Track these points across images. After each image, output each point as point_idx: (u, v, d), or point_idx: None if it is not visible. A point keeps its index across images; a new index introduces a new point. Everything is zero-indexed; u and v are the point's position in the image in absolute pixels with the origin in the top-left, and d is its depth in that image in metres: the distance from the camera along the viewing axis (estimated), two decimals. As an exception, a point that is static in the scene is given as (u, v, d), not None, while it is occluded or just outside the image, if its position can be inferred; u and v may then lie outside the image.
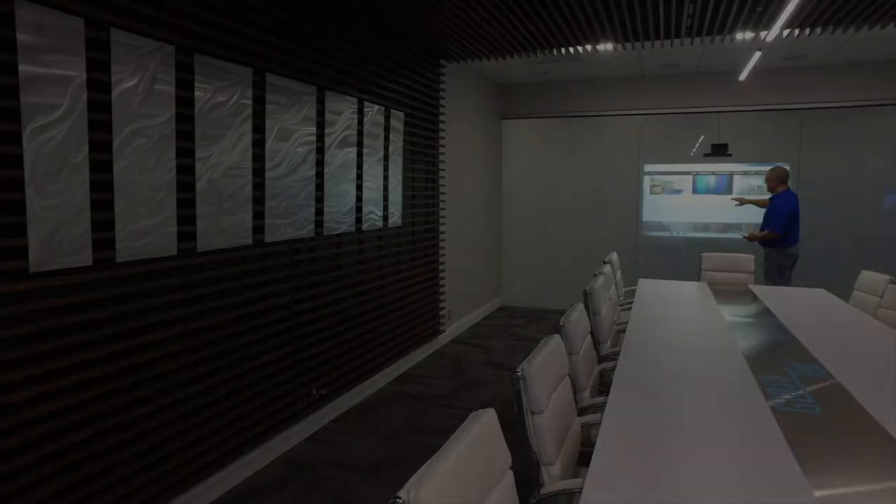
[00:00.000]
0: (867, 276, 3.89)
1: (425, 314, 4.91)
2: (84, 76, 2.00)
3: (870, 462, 1.52)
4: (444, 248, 5.24)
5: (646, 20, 3.83)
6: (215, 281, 2.68)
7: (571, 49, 4.64)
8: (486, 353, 5.21)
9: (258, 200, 2.89)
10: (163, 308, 2.41)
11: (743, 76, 5.59)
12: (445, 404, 3.96)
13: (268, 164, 2.93)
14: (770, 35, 3.97)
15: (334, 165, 3.50)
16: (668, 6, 3.56)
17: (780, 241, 4.99)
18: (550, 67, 6.07)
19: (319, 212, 3.39)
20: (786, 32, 4.06)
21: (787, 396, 1.97)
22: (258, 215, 2.90)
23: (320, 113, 3.34)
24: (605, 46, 4.53)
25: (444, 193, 5.20)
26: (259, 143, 2.87)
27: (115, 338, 2.20)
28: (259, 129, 2.86)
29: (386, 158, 4.13)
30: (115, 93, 2.10)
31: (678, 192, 6.71)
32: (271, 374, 3.05)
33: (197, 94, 2.47)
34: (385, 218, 4.17)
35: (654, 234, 6.83)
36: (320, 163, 3.37)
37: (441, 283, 5.21)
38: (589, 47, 4.58)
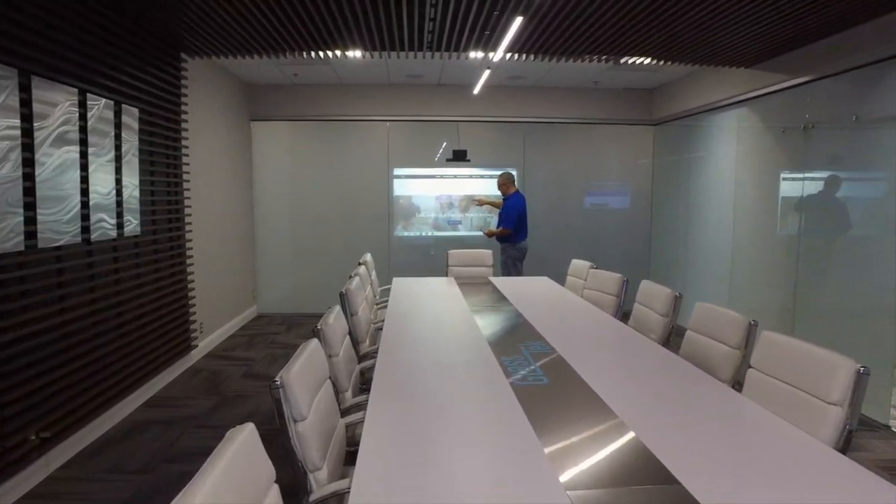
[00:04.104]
0: (575, 264, 4.68)
1: (173, 330, 4.48)
2: None
3: (583, 417, 1.85)
4: (191, 256, 4.84)
5: (391, 32, 4.06)
6: None
7: (321, 53, 4.67)
8: (245, 365, 4.96)
9: (-60, 209, 2.33)
10: None
11: (476, 90, 6.26)
12: (202, 425, 3.68)
13: (-48, 165, 2.38)
14: (496, 56, 4.54)
15: (50, 166, 2.99)
16: (412, 22, 3.83)
17: (512, 236, 5.74)
18: (301, 70, 6.02)
19: (31, 220, 2.86)
20: (507, 56, 4.68)
21: (522, 372, 2.29)
22: (-59, 228, 2.34)
23: (25, 103, 2.80)
24: (354, 53, 4.67)
25: (189, 198, 4.80)
26: (-62, 139, 2.31)
27: None
28: (-64, 121, 2.31)
29: (118, 160, 3.66)
30: None
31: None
32: (-30, 422, 2.49)
33: None
34: (119, 226, 3.70)
35: (405, 234, 7.25)
36: (30, 162, 2.84)
37: (190, 294, 4.81)
38: (338, 53, 4.67)
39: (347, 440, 2.09)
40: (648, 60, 4.85)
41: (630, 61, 4.92)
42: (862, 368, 1.73)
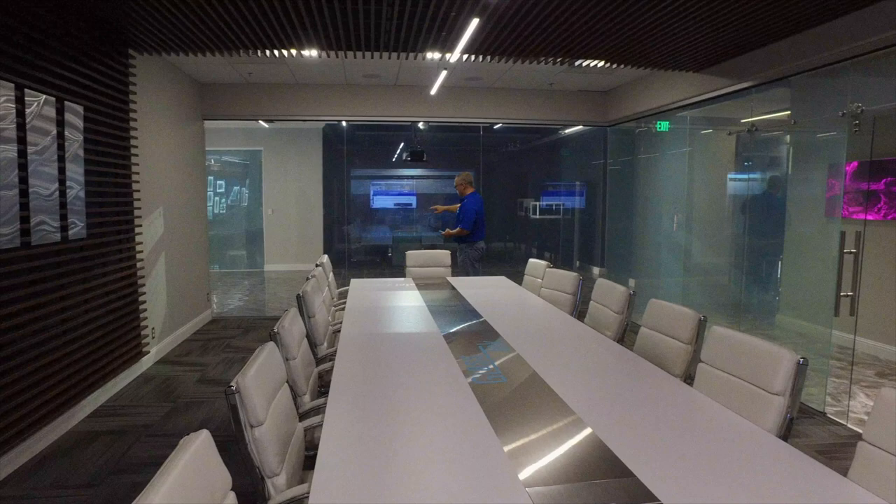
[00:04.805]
0: (532, 263, 4.74)
1: (123, 336, 4.33)
2: None
3: (541, 415, 1.88)
4: (142, 260, 4.68)
5: (348, 32, 4.02)
6: None
7: (276, 52, 4.59)
8: (200, 371, 4.84)
9: None
10: None
11: (434, 91, 6.27)
12: (154, 433, 3.57)
13: None
14: (453, 57, 4.56)
15: (-14, 167, 2.85)
16: (368, 21, 3.81)
17: (469, 237, 5.78)
18: (255, 69, 5.91)
19: (-34, 225, 2.72)
20: (464, 57, 4.71)
21: (481, 371, 2.31)
22: None
23: (-41, 101, 2.67)
24: (310, 52, 4.61)
25: (139, 199, 4.64)
26: None
27: None
28: None
29: (62, 159, 3.51)
30: None
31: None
32: None
33: None
34: (64, 228, 3.54)
35: (363, 234, 7.21)
36: (-36, 164, 2.70)
37: (141, 299, 4.65)
38: (294, 52, 4.60)
39: (306, 444, 2.07)
40: (602, 63, 4.95)
41: (584, 64, 5.02)
42: (801, 360, 1.81)
